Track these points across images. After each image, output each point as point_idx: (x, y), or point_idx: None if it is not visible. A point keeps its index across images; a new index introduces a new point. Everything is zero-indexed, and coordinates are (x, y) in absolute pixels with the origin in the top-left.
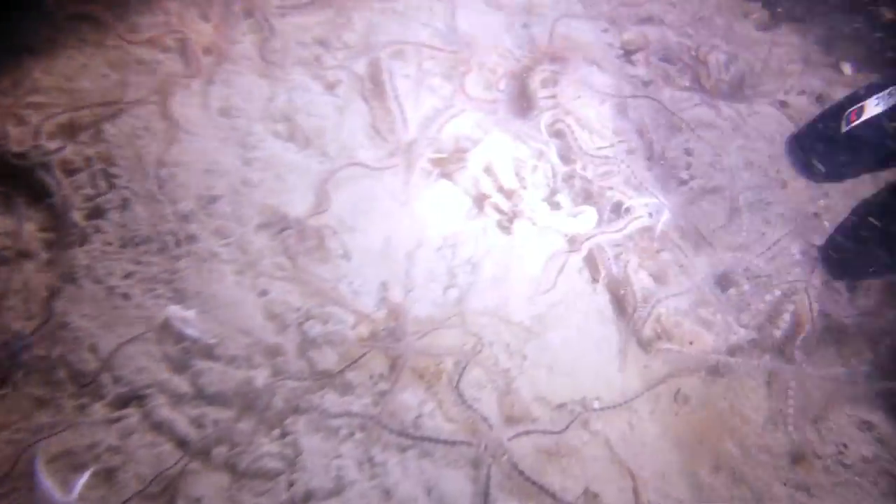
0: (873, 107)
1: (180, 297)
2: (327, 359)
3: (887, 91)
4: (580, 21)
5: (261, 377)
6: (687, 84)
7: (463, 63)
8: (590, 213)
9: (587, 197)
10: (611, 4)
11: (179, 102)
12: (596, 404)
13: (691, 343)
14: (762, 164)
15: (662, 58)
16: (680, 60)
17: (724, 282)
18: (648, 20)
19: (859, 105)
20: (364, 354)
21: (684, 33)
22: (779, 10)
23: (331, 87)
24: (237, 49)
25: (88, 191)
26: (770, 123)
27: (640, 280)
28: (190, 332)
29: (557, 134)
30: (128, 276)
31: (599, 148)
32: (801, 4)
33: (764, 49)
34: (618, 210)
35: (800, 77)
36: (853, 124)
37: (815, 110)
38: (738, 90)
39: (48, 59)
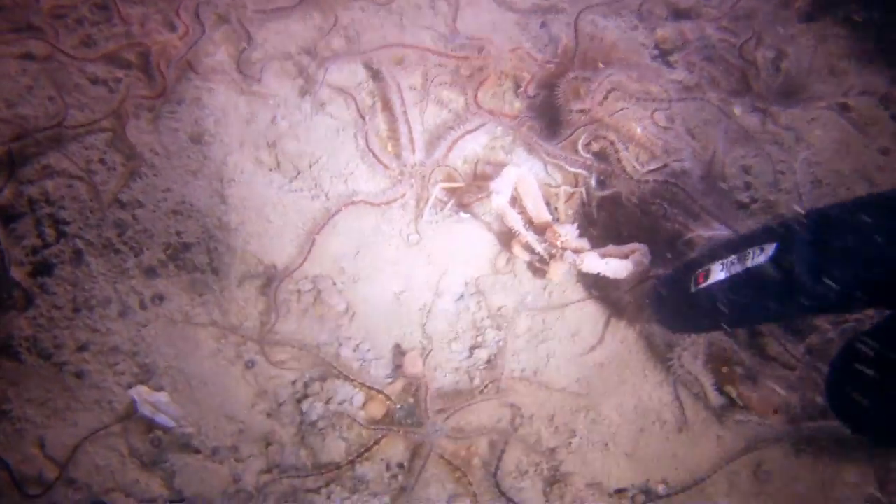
0: (718, 272)
1: (148, 374)
2: (332, 447)
3: (730, 259)
4: (605, 17)
5: (251, 473)
6: (735, 87)
7: (477, 70)
8: (641, 252)
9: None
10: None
11: (141, 128)
12: (662, 488)
13: (775, 412)
14: (831, 182)
15: (704, 57)
16: (724, 60)
17: None
18: (683, 14)
19: (707, 268)
20: (377, 441)
21: (724, 28)
22: None
23: (322, 104)
24: (210, 62)
25: (32, 241)
26: (833, 130)
27: None
28: (161, 418)
29: (598, 155)
30: (82, 348)
31: (649, 171)
32: None
33: (811, 43)
34: (674, 245)
35: (857, 75)
36: (700, 286)
37: (881, 113)
38: (791, 92)
39: None
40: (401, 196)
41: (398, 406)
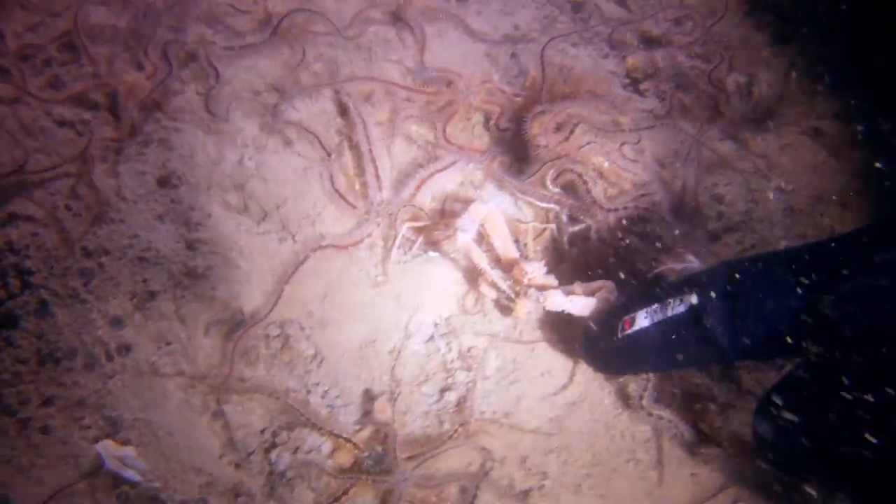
0: (642, 319)
1: (115, 427)
2: (301, 498)
3: (654, 307)
4: (576, 46)
5: None
6: (706, 114)
7: (446, 104)
8: (607, 289)
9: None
10: (608, 24)
11: (108, 171)
12: None
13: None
14: (804, 208)
15: (676, 85)
16: (695, 87)
17: None
18: (654, 41)
19: (632, 315)
20: (346, 491)
21: (695, 55)
22: (797, 15)
23: (289, 142)
24: (178, 101)
25: None
26: (806, 156)
27: None
28: (128, 474)
29: (566, 188)
30: (47, 402)
31: (618, 207)
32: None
33: (782, 67)
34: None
35: (829, 98)
36: (626, 332)
37: (854, 136)
38: (763, 117)
39: None
40: (367, 236)
41: (366, 454)
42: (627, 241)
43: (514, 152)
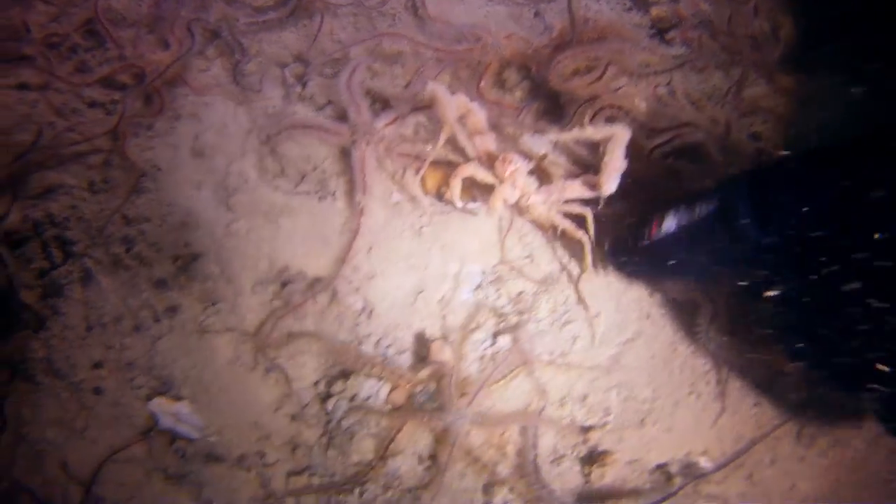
0: (669, 222)
1: (166, 386)
2: (361, 445)
3: (680, 211)
4: (598, 1)
5: (279, 478)
6: (735, 58)
7: (475, 63)
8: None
9: None
10: None
11: (141, 145)
12: (703, 461)
13: None
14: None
15: (701, 32)
16: (721, 33)
17: None
18: None
19: (658, 220)
20: (399, 430)
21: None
22: None
23: (321, 107)
24: (204, 77)
25: (40, 264)
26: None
27: None
28: (183, 429)
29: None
30: (97, 365)
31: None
32: None
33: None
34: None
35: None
36: (652, 236)
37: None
38: (794, 58)
39: None
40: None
41: (419, 390)
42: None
43: (548, 102)
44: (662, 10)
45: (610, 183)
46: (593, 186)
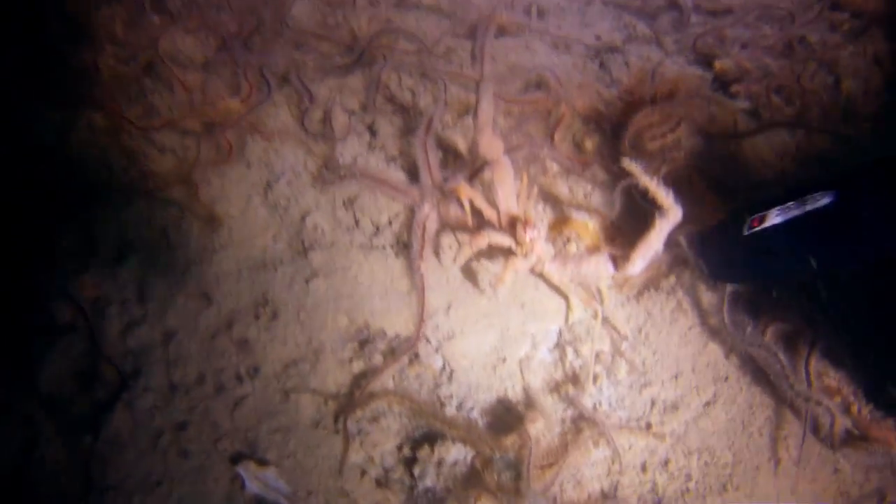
0: (774, 217)
1: (251, 448)
2: None
3: (788, 204)
4: (659, 52)
5: None
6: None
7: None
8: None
9: None
10: (687, 34)
11: (213, 195)
12: None
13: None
14: None
15: (765, 86)
16: (786, 88)
17: None
18: (740, 45)
19: (762, 214)
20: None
21: (779, 54)
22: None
23: (393, 158)
24: (274, 122)
25: (122, 319)
26: None
27: None
28: (271, 496)
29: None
30: (180, 427)
31: None
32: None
33: (864, 66)
34: None
35: None
36: (754, 229)
37: None
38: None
39: None
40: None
41: (498, 456)
42: None
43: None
44: (726, 63)
45: (639, 263)
46: (617, 262)
